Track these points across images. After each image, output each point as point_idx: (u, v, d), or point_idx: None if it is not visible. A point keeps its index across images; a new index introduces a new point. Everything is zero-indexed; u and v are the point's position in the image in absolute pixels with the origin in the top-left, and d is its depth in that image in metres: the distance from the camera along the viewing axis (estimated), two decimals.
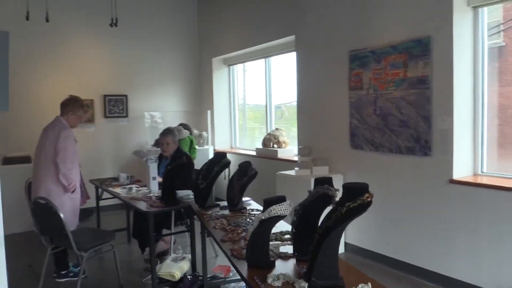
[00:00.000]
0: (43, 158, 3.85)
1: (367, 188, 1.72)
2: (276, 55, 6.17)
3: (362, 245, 4.53)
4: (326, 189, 1.98)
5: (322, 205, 2.02)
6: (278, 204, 1.95)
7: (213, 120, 7.28)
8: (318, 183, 2.06)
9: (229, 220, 2.86)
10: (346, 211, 1.68)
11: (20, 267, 4.43)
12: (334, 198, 1.95)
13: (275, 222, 2.01)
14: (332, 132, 4.81)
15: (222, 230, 2.67)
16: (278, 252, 2.21)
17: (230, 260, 2.19)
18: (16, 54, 6.10)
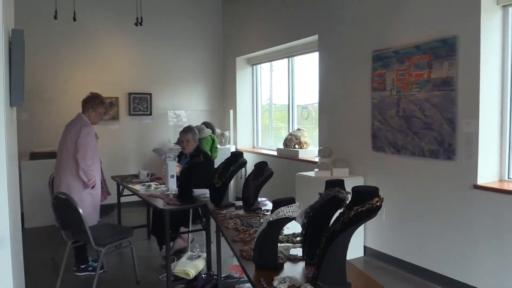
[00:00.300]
0: (64, 154, 3.94)
1: (377, 192, 1.67)
2: (300, 55, 6.12)
3: (382, 249, 4.43)
4: (336, 192, 1.92)
5: (332, 208, 1.97)
6: (287, 206, 1.92)
7: (235, 119, 7.29)
8: (329, 186, 2.01)
9: (242, 220, 2.85)
10: (354, 215, 1.63)
11: (43, 259, 4.55)
12: (345, 201, 1.90)
13: (284, 224, 1.99)
14: (353, 134, 4.73)
15: (235, 230, 2.66)
16: (288, 255, 2.18)
17: (239, 261, 2.17)
18: (44, 53, 6.29)
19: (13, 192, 1.96)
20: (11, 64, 1.76)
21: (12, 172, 1.87)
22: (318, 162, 4.83)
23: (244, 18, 7.06)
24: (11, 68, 1.76)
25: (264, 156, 6.45)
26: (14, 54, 1.76)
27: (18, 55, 1.76)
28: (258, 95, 7.42)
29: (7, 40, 1.75)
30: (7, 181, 1.43)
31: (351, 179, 4.47)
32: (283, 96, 6.51)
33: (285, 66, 6.51)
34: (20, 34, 1.77)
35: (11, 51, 1.77)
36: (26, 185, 5.63)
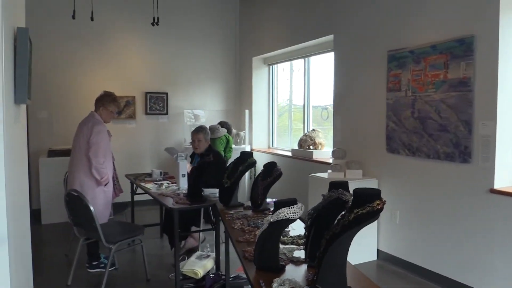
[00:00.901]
0: (77, 152, 4.00)
1: (379, 194, 1.62)
2: (316, 55, 6.07)
3: (395, 253, 4.34)
4: (339, 194, 1.89)
5: (335, 209, 1.93)
6: (288, 207, 1.89)
7: (251, 119, 7.28)
8: (333, 187, 1.97)
9: (249, 220, 2.83)
10: (353, 218, 1.59)
11: (57, 255, 4.63)
12: (348, 203, 1.86)
13: (285, 225, 1.96)
14: (367, 135, 4.66)
15: (240, 230, 2.64)
16: (291, 256, 2.15)
17: (241, 262, 2.15)
18: (62, 52, 6.41)
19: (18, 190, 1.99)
20: (15, 62, 1.79)
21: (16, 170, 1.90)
22: (331, 163, 4.77)
23: (260, 18, 7.05)
24: (15, 66, 1.79)
25: (278, 156, 6.43)
26: (19, 52, 1.78)
27: (23, 53, 1.78)
28: (274, 95, 7.39)
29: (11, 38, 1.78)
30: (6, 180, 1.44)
31: (364, 181, 4.40)
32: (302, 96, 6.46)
33: (302, 66, 6.47)
34: (25, 32, 1.80)
35: (16, 49, 1.79)
36: (44, 182, 5.76)
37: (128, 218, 5.25)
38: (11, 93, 1.75)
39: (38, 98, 6.22)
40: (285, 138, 7.15)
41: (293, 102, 6.96)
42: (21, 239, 2.00)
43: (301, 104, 6.54)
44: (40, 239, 5.37)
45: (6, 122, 1.55)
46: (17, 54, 1.79)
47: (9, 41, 1.73)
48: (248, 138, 7.20)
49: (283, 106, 7.36)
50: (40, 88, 6.22)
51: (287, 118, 7.11)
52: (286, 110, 7.21)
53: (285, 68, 7.15)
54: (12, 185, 1.67)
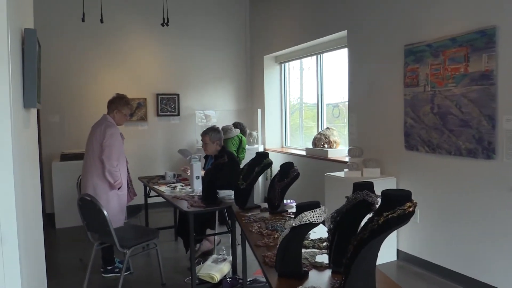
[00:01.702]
0: (90, 155, 3.94)
1: (409, 196, 1.52)
2: (328, 51, 5.95)
3: (416, 253, 4.21)
4: (365, 195, 1.78)
5: (361, 212, 1.83)
6: (311, 211, 1.79)
7: (263, 119, 7.18)
8: (357, 189, 1.86)
9: (267, 223, 2.75)
10: (383, 222, 1.49)
11: (71, 260, 4.59)
12: (374, 206, 1.76)
13: (308, 230, 1.86)
14: (385, 132, 4.53)
15: (258, 234, 2.56)
16: (314, 262, 2.05)
17: (261, 268, 2.06)
18: (73, 55, 6.38)
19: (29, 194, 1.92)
20: (24, 65, 1.72)
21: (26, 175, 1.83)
22: (348, 162, 4.66)
23: (271, 16, 6.94)
24: (24, 69, 1.72)
25: (292, 156, 6.32)
26: (27, 54, 1.71)
27: (31, 55, 1.71)
28: (286, 93, 7.29)
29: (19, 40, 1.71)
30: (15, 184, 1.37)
31: (382, 180, 4.28)
32: (313, 94, 6.36)
33: (314, 64, 6.36)
34: (32, 33, 1.72)
35: (24, 51, 1.72)
36: (57, 186, 5.73)
37: (142, 221, 5.18)
38: (20, 97, 1.68)
39: (49, 101, 6.20)
40: (297, 137, 7.05)
41: (303, 101, 6.86)
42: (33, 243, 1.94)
43: (312, 102, 6.42)
44: (54, 243, 5.34)
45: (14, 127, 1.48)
46: (25, 57, 1.72)
47: (17, 43, 1.66)
48: (260, 138, 7.10)
49: (293, 104, 7.26)
50: (52, 91, 6.20)
51: (298, 117, 7.01)
52: (297, 109, 7.11)
53: (295, 66, 7.04)
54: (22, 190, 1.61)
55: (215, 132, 4.36)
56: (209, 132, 4.37)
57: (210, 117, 7.26)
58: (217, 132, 4.37)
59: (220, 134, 4.36)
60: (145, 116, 6.88)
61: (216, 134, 4.36)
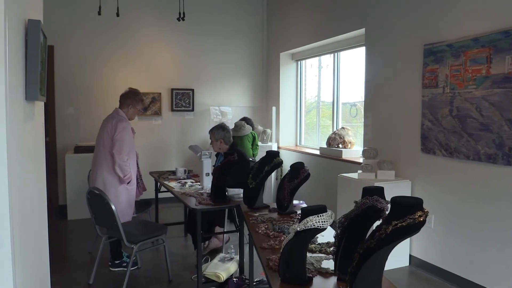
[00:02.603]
0: (101, 148, 3.93)
1: (421, 205, 1.44)
2: (346, 50, 5.84)
3: (429, 260, 4.09)
4: (374, 201, 1.69)
5: (369, 218, 1.75)
6: (317, 215, 1.72)
7: (278, 116, 7.10)
8: (366, 193, 1.78)
9: (274, 224, 2.68)
10: (392, 231, 1.41)
11: (81, 252, 4.61)
12: (384, 212, 1.67)
13: (313, 235, 1.79)
14: (401, 134, 4.41)
15: (265, 235, 2.49)
16: (319, 267, 1.98)
17: (265, 271, 2.00)
18: (88, 48, 6.39)
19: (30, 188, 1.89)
20: (26, 57, 1.69)
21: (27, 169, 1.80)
22: (362, 163, 4.55)
23: (288, 12, 6.85)
24: (26, 61, 1.68)
25: (305, 155, 6.24)
26: (30, 46, 1.67)
27: (34, 47, 1.67)
28: (302, 91, 7.19)
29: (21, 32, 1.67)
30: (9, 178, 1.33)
31: (397, 183, 4.17)
32: (331, 93, 6.25)
33: (330, 62, 6.25)
34: (36, 25, 1.68)
35: (27, 42, 1.69)
36: (70, 178, 5.77)
37: (152, 216, 5.18)
38: (21, 89, 1.65)
39: (64, 94, 6.25)
40: (313, 135, 6.96)
41: (321, 99, 6.76)
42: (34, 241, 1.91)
43: (330, 100, 6.32)
44: (65, 235, 5.38)
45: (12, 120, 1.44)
46: (28, 49, 1.68)
47: (19, 34, 1.62)
48: (274, 136, 7.03)
49: (311, 102, 7.16)
50: (67, 84, 6.25)
51: (315, 115, 6.92)
52: (314, 107, 7.01)
53: (313, 64, 6.93)
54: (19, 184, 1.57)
55: (219, 130, 4.31)
56: (213, 130, 4.34)
57: (226, 113, 7.21)
58: (221, 130, 4.32)
59: (224, 132, 4.31)
60: (159, 111, 6.87)
61: (220, 132, 4.31)
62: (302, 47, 6.54)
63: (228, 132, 4.34)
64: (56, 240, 4.94)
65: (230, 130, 4.47)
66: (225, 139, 4.30)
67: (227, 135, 4.31)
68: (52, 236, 3.85)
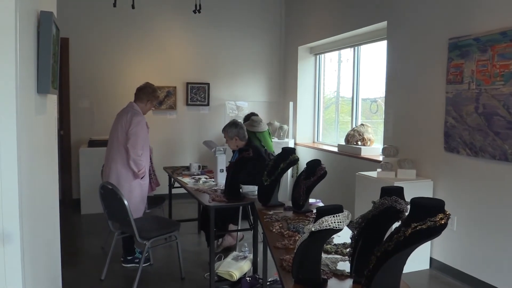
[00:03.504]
0: (115, 142, 3.97)
1: (442, 207, 1.40)
2: (366, 43, 5.76)
3: (451, 263, 4.02)
4: (393, 202, 1.66)
5: (387, 220, 1.72)
6: (332, 215, 1.69)
7: (295, 112, 7.06)
8: (385, 194, 1.75)
9: (289, 223, 2.66)
10: (411, 234, 1.38)
11: (93, 247, 4.67)
12: (403, 213, 1.64)
13: (328, 236, 1.76)
14: (423, 131, 4.33)
15: (279, 234, 2.48)
16: (334, 269, 1.95)
17: (278, 272, 1.98)
18: (104, 41, 6.44)
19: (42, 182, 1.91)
20: (38, 49, 1.70)
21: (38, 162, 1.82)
22: (381, 161, 4.50)
23: (307, 5, 6.78)
24: (38, 53, 1.70)
25: (323, 152, 6.20)
26: (42, 38, 1.68)
27: (46, 39, 1.69)
28: (320, 86, 7.13)
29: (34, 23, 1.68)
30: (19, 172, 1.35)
31: (418, 182, 4.10)
32: (351, 88, 6.19)
33: (350, 56, 6.18)
34: (48, 16, 1.69)
35: (39, 34, 1.70)
36: (84, 172, 5.85)
37: (165, 212, 5.21)
38: (33, 82, 1.66)
39: (79, 87, 6.33)
40: (331, 132, 6.90)
41: (340, 94, 6.69)
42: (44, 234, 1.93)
43: (349, 96, 6.26)
44: (78, 229, 5.46)
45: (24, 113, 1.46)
46: (40, 40, 1.70)
47: (31, 26, 1.63)
48: (291, 132, 6.99)
49: (330, 98, 7.10)
50: (82, 77, 6.32)
51: (334, 111, 6.86)
52: (333, 103, 6.95)
53: (332, 58, 6.87)
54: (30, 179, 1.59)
55: (231, 127, 4.30)
56: (226, 129, 4.34)
57: (242, 108, 7.20)
58: (233, 127, 4.31)
59: (237, 129, 4.29)
60: (174, 105, 6.90)
61: (233, 129, 4.30)
62: (321, 40, 6.48)
63: (242, 128, 4.33)
64: (69, 234, 5.02)
65: (243, 125, 4.45)
66: (239, 135, 4.28)
67: (241, 131, 4.29)
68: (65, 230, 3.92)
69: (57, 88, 2.06)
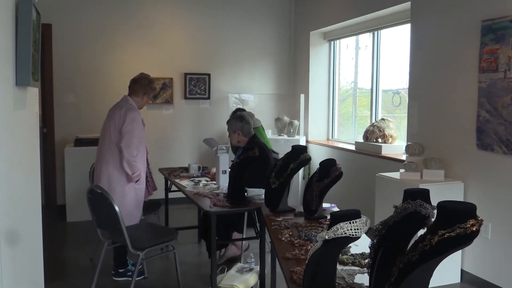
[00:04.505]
0: (107, 141, 3.99)
1: (474, 211, 1.39)
2: (388, 27, 5.76)
3: (485, 276, 4.01)
4: (417, 206, 1.66)
5: (412, 226, 1.71)
6: (349, 222, 1.69)
7: (307, 105, 7.08)
8: (408, 197, 1.74)
9: (300, 231, 2.68)
10: (438, 242, 1.37)
11: (81, 259, 4.71)
12: (429, 219, 1.64)
13: (344, 245, 1.77)
14: (452, 127, 4.32)
15: (289, 243, 2.50)
16: (351, 283, 1.96)
17: (287, 285, 1.99)
18: (91, 30, 6.48)
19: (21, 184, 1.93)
20: (17, 36, 1.71)
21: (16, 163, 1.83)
22: (405, 161, 4.50)
23: None
24: (17, 41, 1.71)
25: (338, 150, 6.24)
26: (20, 25, 1.70)
27: (25, 26, 1.70)
28: (336, 77, 7.13)
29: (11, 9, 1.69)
30: None
31: (447, 185, 4.10)
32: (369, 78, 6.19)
33: (369, 42, 6.18)
34: (27, 4, 1.70)
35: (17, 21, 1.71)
36: (70, 174, 5.89)
37: (161, 219, 5.23)
38: (10, 74, 1.67)
39: (64, 79, 6.36)
40: (348, 128, 6.91)
41: (358, 85, 6.68)
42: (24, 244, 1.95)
43: (368, 87, 6.25)
44: (64, 239, 5.50)
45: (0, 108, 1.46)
46: (19, 27, 1.71)
47: (8, 11, 1.64)
48: (303, 128, 7.00)
49: (346, 89, 7.09)
50: (67, 68, 6.35)
51: (351, 104, 6.85)
52: (350, 95, 6.95)
53: (349, 44, 6.86)
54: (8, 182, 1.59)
55: (236, 120, 4.32)
56: (230, 121, 4.37)
57: (247, 102, 7.21)
58: (239, 120, 4.32)
59: (243, 123, 4.31)
60: (170, 99, 6.93)
61: (238, 122, 4.32)
62: (336, 24, 6.48)
63: (248, 123, 4.34)
64: (54, 244, 5.06)
65: (250, 120, 4.46)
66: (243, 130, 4.30)
67: (245, 127, 4.30)
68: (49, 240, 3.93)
69: (38, 80, 2.07)
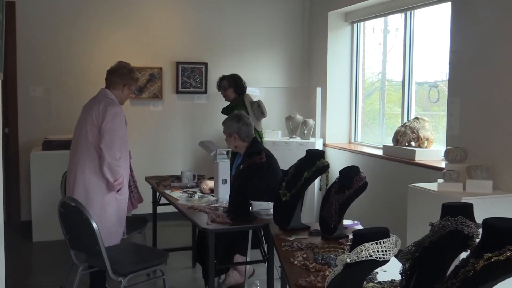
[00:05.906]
0: (82, 142, 4.01)
1: None
2: (423, 6, 5.79)
3: None
4: (459, 224, 1.69)
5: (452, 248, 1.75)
6: (375, 242, 1.71)
7: (325, 101, 7.10)
8: (447, 213, 1.78)
9: (316, 253, 2.72)
10: (483, 267, 1.40)
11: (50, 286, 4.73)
12: (473, 240, 1.67)
13: (370, 270, 1.80)
14: (502, 128, 4.33)
15: (303, 267, 2.54)
16: None
17: None
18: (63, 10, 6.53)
19: None
20: None
21: None
22: (444, 169, 4.51)
23: None
24: None
25: (363, 156, 6.28)
26: None
27: None
28: (359, 66, 7.18)
29: None
30: None
31: (495, 198, 4.11)
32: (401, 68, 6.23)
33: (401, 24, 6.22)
34: None
35: None
36: (37, 184, 5.92)
37: (148, 238, 5.25)
38: None
39: (30, 69, 6.40)
40: (375, 128, 6.95)
41: (387, 77, 6.71)
42: None
43: (399, 79, 6.29)
44: (29, 262, 5.53)
45: None
46: None
47: None
48: (319, 129, 7.02)
49: (372, 82, 7.12)
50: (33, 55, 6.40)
51: (378, 100, 6.88)
52: (377, 88, 6.98)
53: (376, 27, 6.89)
54: None
55: (232, 120, 4.37)
56: (226, 121, 4.43)
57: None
58: (235, 121, 4.37)
59: (239, 124, 4.35)
60: (159, 93, 6.99)
61: (234, 123, 4.36)
62: (360, 3, 6.52)
63: (246, 124, 4.37)
64: (17, 268, 5.08)
65: (250, 121, 4.48)
66: (240, 133, 4.33)
67: (243, 128, 4.34)
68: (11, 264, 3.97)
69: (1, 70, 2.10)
